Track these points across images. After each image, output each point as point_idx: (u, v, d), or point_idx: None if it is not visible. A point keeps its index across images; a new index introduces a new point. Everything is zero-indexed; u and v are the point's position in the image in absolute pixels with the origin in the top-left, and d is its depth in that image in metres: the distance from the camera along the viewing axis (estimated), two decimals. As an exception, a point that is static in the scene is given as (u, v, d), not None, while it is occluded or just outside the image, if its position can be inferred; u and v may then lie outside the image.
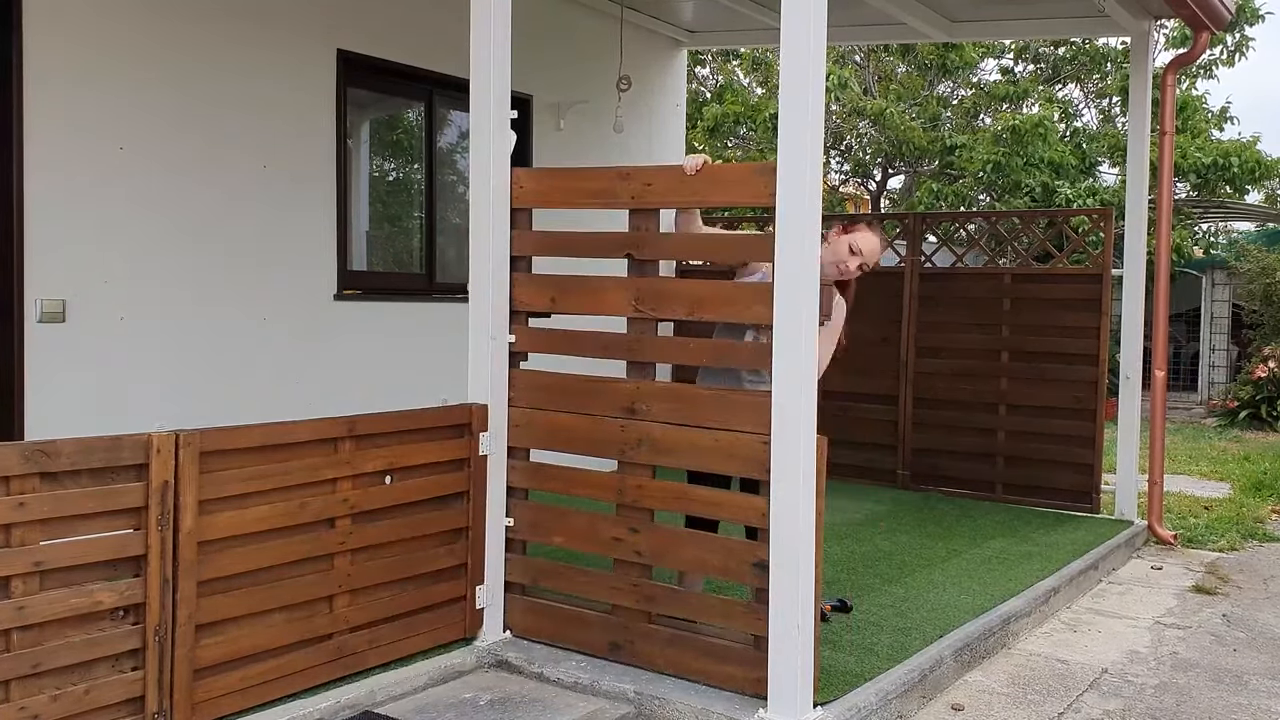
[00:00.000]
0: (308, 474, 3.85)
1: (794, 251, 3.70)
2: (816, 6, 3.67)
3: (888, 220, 9.11)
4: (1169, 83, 7.56)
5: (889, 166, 18.39)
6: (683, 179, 4.10)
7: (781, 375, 3.74)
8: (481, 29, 4.39)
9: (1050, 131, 15.20)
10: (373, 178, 7.02)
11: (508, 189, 4.48)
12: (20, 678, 3.16)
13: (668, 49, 9.24)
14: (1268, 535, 7.85)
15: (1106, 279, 7.55)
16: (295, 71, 6.15)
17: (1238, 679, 4.86)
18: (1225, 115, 16.39)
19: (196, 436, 3.51)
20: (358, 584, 4.05)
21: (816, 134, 3.70)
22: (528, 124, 7.65)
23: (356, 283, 6.58)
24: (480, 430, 4.39)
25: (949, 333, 8.13)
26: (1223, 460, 10.95)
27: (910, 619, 5.02)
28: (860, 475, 8.33)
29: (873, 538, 6.65)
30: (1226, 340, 15.78)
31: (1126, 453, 7.57)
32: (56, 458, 3.21)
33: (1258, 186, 16.64)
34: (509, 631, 4.54)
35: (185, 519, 3.48)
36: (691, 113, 15.25)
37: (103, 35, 5.24)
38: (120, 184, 5.33)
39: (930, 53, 16.84)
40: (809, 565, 3.76)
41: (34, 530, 3.17)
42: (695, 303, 4.08)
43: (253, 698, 3.72)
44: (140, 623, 3.41)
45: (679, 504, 4.16)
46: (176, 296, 5.57)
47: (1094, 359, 7.58)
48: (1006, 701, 4.51)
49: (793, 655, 3.73)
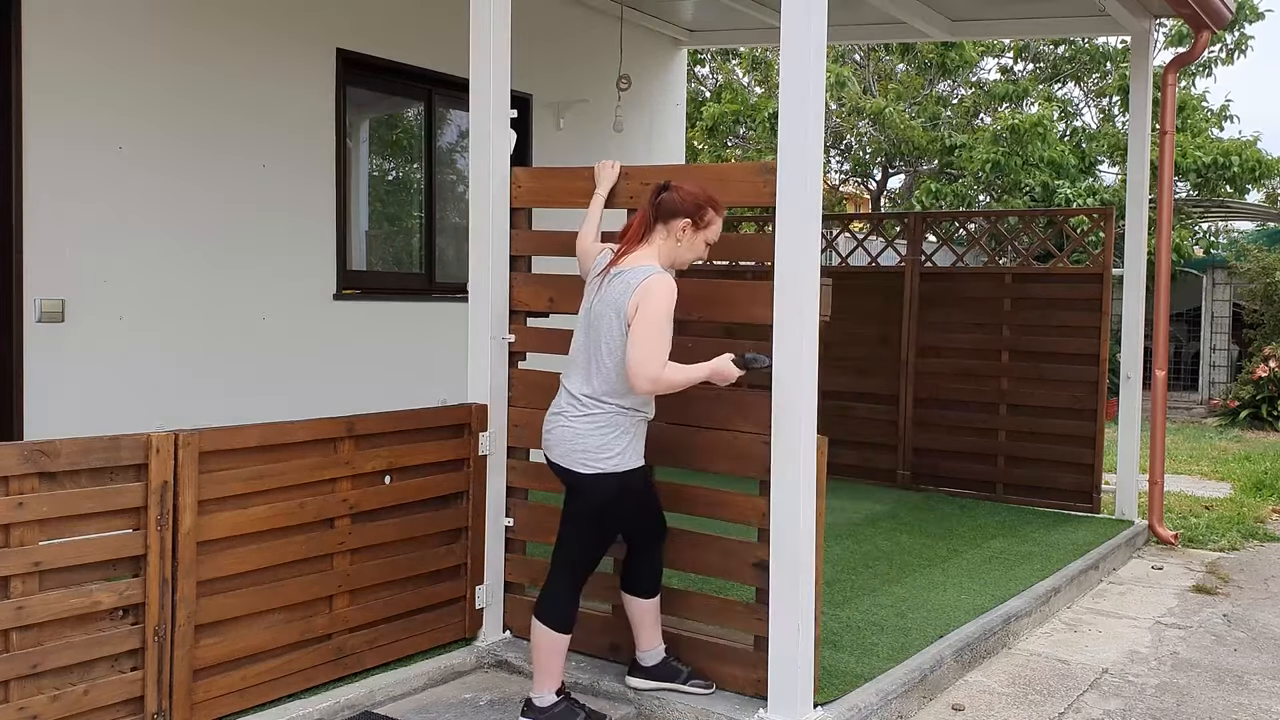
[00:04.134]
0: (307, 474, 3.85)
1: (794, 251, 3.70)
2: (816, 6, 3.67)
3: (887, 220, 9.12)
4: (1169, 82, 7.56)
5: (889, 166, 18.39)
6: (682, 179, 4.09)
7: (782, 375, 3.74)
8: (481, 29, 4.39)
9: (1050, 131, 15.20)
10: (372, 177, 7.02)
11: (507, 188, 4.48)
12: (19, 678, 3.16)
13: (667, 48, 9.23)
14: (1268, 535, 7.85)
15: (1107, 278, 7.54)
16: (295, 71, 6.14)
17: (1238, 679, 4.86)
18: (1225, 114, 16.39)
19: (196, 436, 3.51)
20: (357, 584, 4.04)
21: (816, 134, 3.69)
22: (527, 123, 7.65)
23: (356, 282, 6.58)
24: (480, 430, 4.39)
25: (949, 332, 8.13)
26: (1223, 460, 10.94)
27: (910, 619, 5.02)
28: (860, 475, 8.33)
29: (873, 538, 6.65)
30: (1227, 340, 15.77)
31: (1127, 452, 7.56)
32: (55, 458, 3.20)
33: (1258, 186, 16.64)
34: (509, 632, 4.54)
35: (184, 519, 3.47)
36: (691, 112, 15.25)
37: (102, 36, 5.23)
38: (120, 184, 5.33)
39: (930, 52, 16.84)
40: (809, 565, 3.76)
41: (33, 530, 3.17)
42: (694, 302, 4.07)
43: (252, 698, 3.71)
44: (139, 623, 3.41)
45: (679, 504, 4.15)
46: (176, 296, 5.57)
47: (1094, 359, 7.57)
48: (1007, 701, 4.51)
49: (793, 655, 3.72)
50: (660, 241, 3.76)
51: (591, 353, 3.69)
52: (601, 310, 3.67)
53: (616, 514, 3.78)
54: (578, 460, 3.66)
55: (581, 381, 3.70)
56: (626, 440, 3.68)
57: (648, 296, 3.56)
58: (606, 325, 3.65)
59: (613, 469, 3.65)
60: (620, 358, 3.62)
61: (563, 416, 3.72)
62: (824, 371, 4.24)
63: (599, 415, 3.65)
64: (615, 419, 3.66)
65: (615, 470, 3.65)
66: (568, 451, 3.68)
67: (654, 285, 3.58)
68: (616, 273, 3.68)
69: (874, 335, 8.37)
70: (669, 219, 3.74)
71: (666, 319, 3.58)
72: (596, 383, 3.67)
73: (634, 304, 3.57)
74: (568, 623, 3.77)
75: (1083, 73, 17.12)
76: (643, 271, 3.64)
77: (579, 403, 3.69)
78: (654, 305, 3.55)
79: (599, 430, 3.65)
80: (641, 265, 3.67)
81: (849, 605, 5.21)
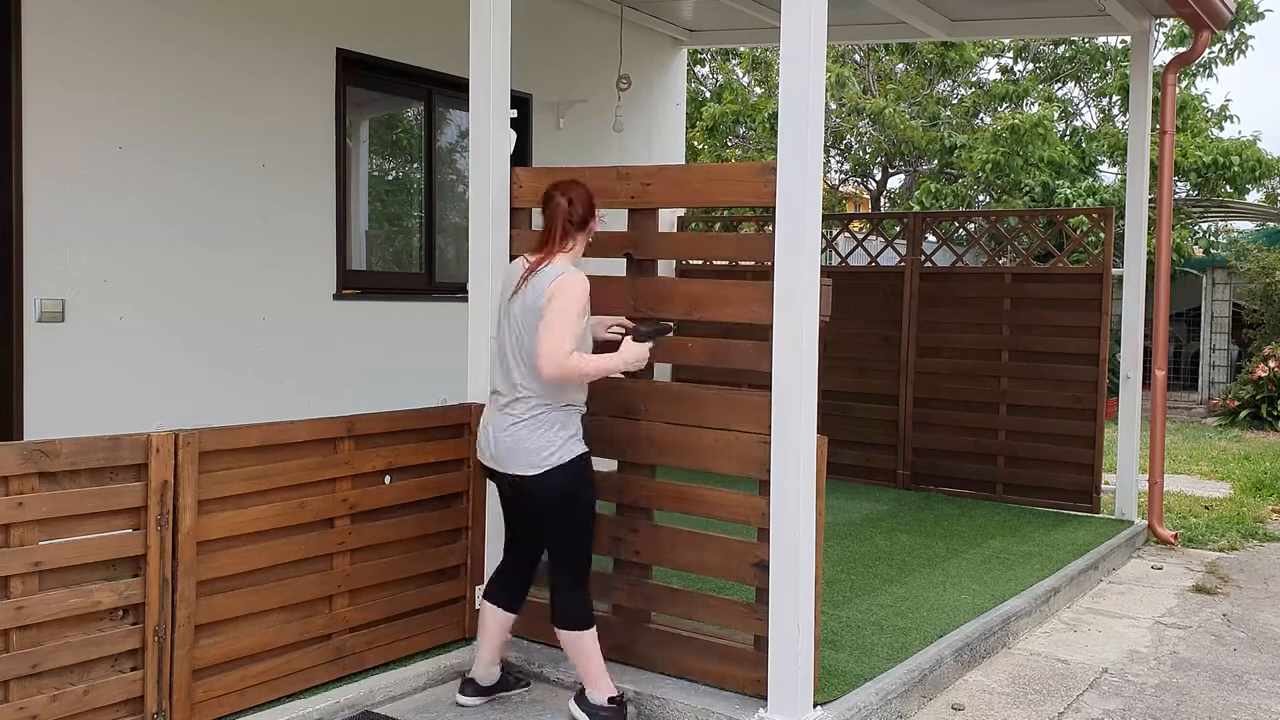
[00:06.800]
0: (307, 474, 3.85)
1: (794, 251, 3.70)
2: (816, 6, 3.67)
3: (887, 220, 9.12)
4: (1169, 82, 7.56)
5: (889, 166, 18.39)
6: (682, 178, 4.11)
7: (781, 375, 3.74)
8: (481, 28, 4.39)
9: (1050, 131, 15.20)
10: (372, 177, 7.02)
11: (507, 188, 4.48)
12: (19, 678, 3.16)
13: (667, 48, 9.23)
14: (1268, 535, 7.85)
15: (1107, 278, 7.55)
16: (295, 70, 6.14)
17: (1238, 679, 4.86)
18: (1225, 114, 16.39)
19: (195, 436, 3.51)
20: (357, 584, 4.04)
21: (816, 134, 3.69)
22: (527, 123, 7.64)
23: (356, 282, 6.57)
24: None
25: (949, 332, 8.13)
26: (1223, 460, 10.94)
27: (910, 619, 5.02)
28: (860, 475, 8.33)
29: (873, 537, 6.65)
30: (1227, 340, 15.77)
31: (1127, 452, 7.56)
32: (56, 458, 3.20)
33: (1258, 185, 16.64)
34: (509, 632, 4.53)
35: (184, 519, 3.47)
36: (691, 112, 15.25)
37: (102, 35, 5.23)
38: (119, 183, 5.33)
39: (930, 52, 16.84)
40: (809, 565, 3.76)
41: (33, 530, 3.17)
42: (694, 302, 4.07)
43: (252, 698, 3.71)
44: (139, 623, 3.41)
45: (679, 504, 4.15)
46: (176, 296, 5.57)
47: (1094, 358, 7.57)
48: (1006, 701, 4.51)
49: (793, 655, 3.73)
50: (576, 246, 3.94)
51: (518, 356, 3.80)
52: (523, 314, 3.80)
53: (583, 502, 3.89)
54: (525, 464, 3.77)
55: (510, 387, 3.82)
56: (566, 434, 3.81)
57: (561, 293, 3.73)
58: (529, 327, 3.77)
59: (558, 462, 3.77)
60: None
61: (495, 427, 3.84)
62: (824, 371, 4.24)
63: (534, 417, 3.77)
64: (550, 415, 3.79)
65: (560, 462, 3.77)
66: (512, 458, 3.79)
67: (567, 282, 3.76)
68: (534, 277, 3.82)
69: (874, 335, 8.38)
70: (583, 225, 3.94)
71: (576, 313, 3.75)
72: (525, 385, 3.78)
73: (548, 300, 3.73)
74: (591, 618, 3.92)
75: (1083, 73, 17.12)
76: (555, 271, 3.81)
77: (512, 409, 3.80)
78: (565, 300, 3.73)
79: (538, 431, 3.77)
80: (555, 266, 3.84)
81: (849, 605, 5.21)
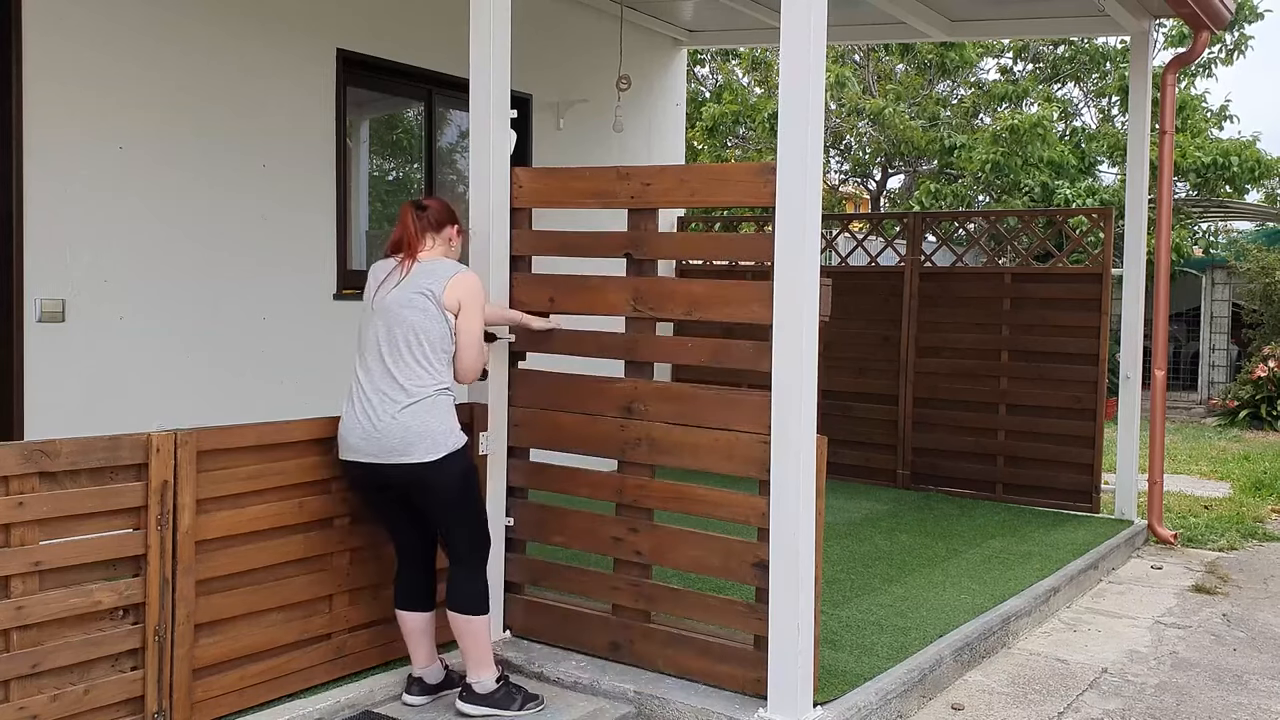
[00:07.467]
0: (306, 474, 3.85)
1: (794, 251, 3.70)
2: (816, 6, 3.67)
3: (887, 220, 9.12)
4: (1169, 82, 7.56)
5: (888, 166, 18.39)
6: (682, 178, 4.11)
7: (781, 375, 3.74)
8: (481, 29, 4.39)
9: (1049, 131, 15.20)
10: (372, 177, 7.02)
11: (507, 189, 4.48)
12: (19, 678, 3.16)
13: (667, 48, 9.23)
14: (1268, 535, 7.85)
15: (1106, 278, 7.55)
16: (295, 71, 6.14)
17: (1238, 678, 4.86)
18: (1225, 114, 16.40)
19: (194, 436, 3.51)
20: (356, 584, 4.04)
21: (816, 134, 3.69)
22: (527, 123, 7.64)
23: (356, 282, 6.56)
24: (480, 430, 4.38)
25: (949, 332, 8.14)
26: (1222, 460, 10.95)
27: (910, 619, 5.02)
28: (860, 475, 8.33)
29: (873, 537, 6.65)
30: (1226, 340, 15.78)
31: (1126, 452, 7.56)
32: (56, 457, 3.20)
33: (1257, 186, 16.65)
34: (509, 631, 4.54)
35: (184, 518, 3.47)
36: (691, 112, 15.25)
37: (102, 35, 5.23)
38: (120, 183, 5.33)
39: (929, 52, 16.84)
40: (809, 565, 3.76)
41: (33, 530, 3.17)
42: (694, 302, 4.07)
43: (252, 697, 3.71)
44: (139, 622, 3.41)
45: (679, 504, 4.15)
46: (176, 296, 5.57)
47: (1094, 358, 7.58)
48: (1006, 701, 4.51)
49: (793, 655, 3.73)
50: (440, 248, 3.94)
51: (404, 342, 3.73)
52: (409, 298, 3.76)
53: (474, 481, 3.92)
54: (421, 451, 3.69)
55: (394, 374, 3.73)
56: (452, 418, 3.81)
57: (472, 295, 3.80)
58: (418, 310, 3.73)
59: (454, 446, 3.76)
60: (436, 338, 3.74)
61: (376, 417, 3.71)
62: (824, 371, 4.24)
63: (424, 402, 3.73)
64: (439, 400, 3.77)
65: (456, 447, 3.77)
66: (406, 447, 3.68)
67: (474, 283, 3.83)
68: (418, 265, 3.81)
69: (874, 335, 8.38)
70: (439, 228, 3.93)
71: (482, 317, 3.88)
72: (413, 370, 3.73)
73: (453, 295, 3.76)
74: (487, 603, 3.93)
75: (1082, 73, 17.12)
76: (451, 265, 3.84)
77: (397, 396, 3.71)
78: (477, 304, 3.81)
79: (431, 415, 3.72)
80: (444, 260, 3.87)
81: (849, 605, 5.21)
